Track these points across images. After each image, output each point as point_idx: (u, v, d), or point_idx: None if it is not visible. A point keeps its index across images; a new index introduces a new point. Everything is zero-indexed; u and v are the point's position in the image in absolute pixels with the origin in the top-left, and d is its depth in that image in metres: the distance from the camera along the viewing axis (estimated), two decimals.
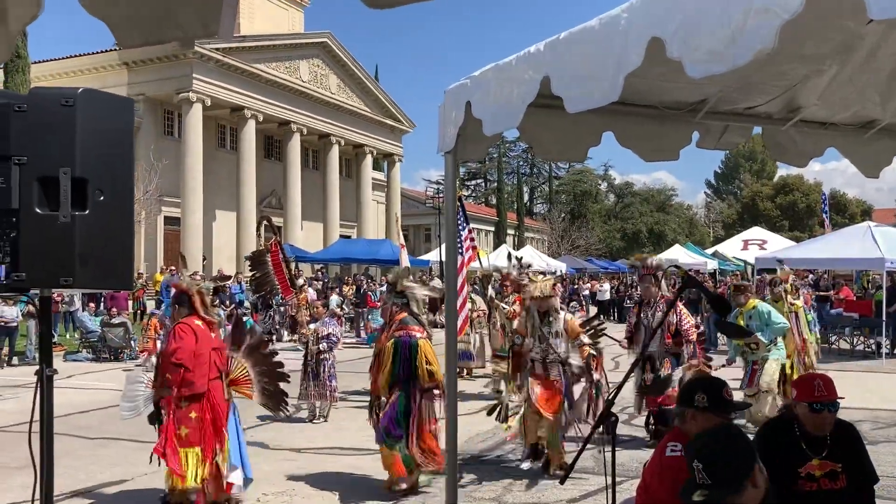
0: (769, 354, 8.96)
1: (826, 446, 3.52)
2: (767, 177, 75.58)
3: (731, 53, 2.08)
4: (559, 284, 8.48)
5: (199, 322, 6.10)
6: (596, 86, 2.63)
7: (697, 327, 8.49)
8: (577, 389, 7.02)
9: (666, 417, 8.15)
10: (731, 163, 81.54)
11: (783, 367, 9.15)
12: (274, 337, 19.78)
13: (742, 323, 9.04)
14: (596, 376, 7.03)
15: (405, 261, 12.37)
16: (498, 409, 7.73)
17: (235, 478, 6.13)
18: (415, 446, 6.51)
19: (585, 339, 7.12)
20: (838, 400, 3.56)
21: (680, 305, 8.18)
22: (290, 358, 13.66)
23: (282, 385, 6.59)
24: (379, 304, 12.07)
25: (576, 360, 7.04)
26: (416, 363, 6.52)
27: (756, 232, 29.99)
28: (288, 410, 6.58)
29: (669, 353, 8.16)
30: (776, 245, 24.97)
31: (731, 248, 28.61)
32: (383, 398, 6.70)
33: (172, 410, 5.88)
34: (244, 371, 6.38)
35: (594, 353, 7.08)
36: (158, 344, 16.44)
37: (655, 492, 3.23)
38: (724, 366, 9.80)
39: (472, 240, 12.50)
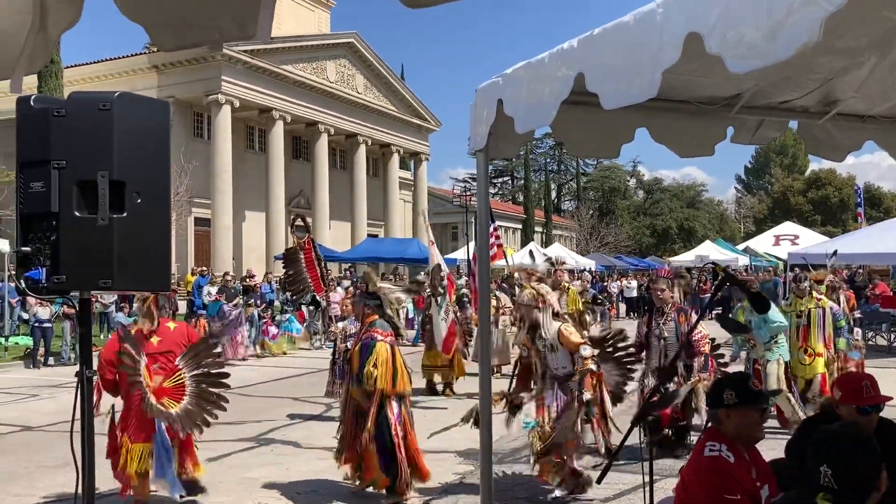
0: (769, 355, 8.60)
1: None
2: (799, 171, 74.70)
3: (773, 48, 2.04)
4: (559, 289, 7.91)
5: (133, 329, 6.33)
6: (633, 82, 2.60)
7: (712, 339, 7.78)
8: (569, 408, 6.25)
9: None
10: (761, 157, 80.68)
11: (786, 364, 8.81)
12: (316, 336, 19.91)
13: (742, 318, 8.68)
14: (587, 395, 6.06)
15: (436, 258, 12.32)
16: (472, 415, 6.62)
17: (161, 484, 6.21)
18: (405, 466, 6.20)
19: (586, 352, 6.15)
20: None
21: (693, 315, 7.76)
22: (324, 357, 13.77)
23: (215, 399, 6.31)
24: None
25: (586, 393, 6.10)
26: (367, 366, 6.17)
27: (788, 227, 29.60)
28: (199, 430, 6.25)
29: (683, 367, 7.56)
30: (808, 240, 24.64)
31: (763, 243, 28.28)
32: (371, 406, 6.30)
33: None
34: (180, 382, 6.20)
35: (593, 368, 6.11)
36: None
37: (695, 492, 3.20)
38: (727, 363, 9.61)
39: (498, 237, 12.47)
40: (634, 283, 32.51)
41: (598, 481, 3.67)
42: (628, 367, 6.96)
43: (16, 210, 2.88)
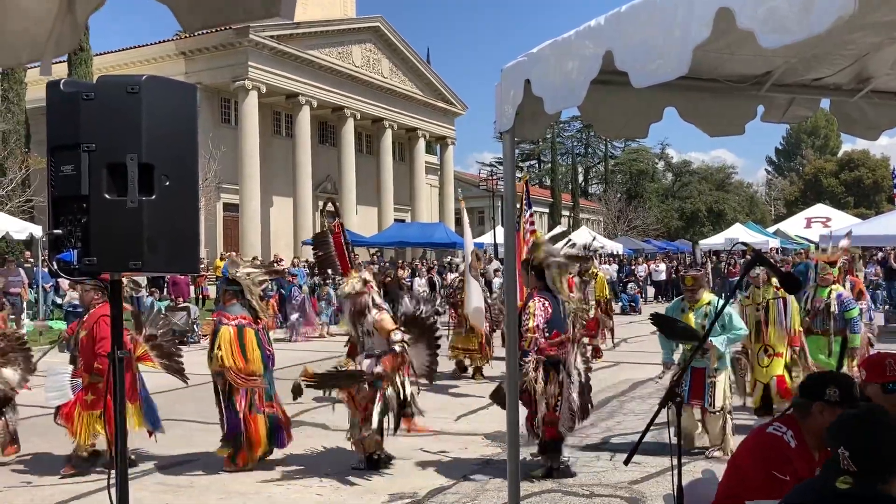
0: (720, 364, 7.20)
1: None
2: (831, 152, 73.61)
3: (807, 22, 1.99)
4: (374, 278, 7.81)
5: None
6: (663, 60, 2.55)
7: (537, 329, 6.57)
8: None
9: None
10: (792, 139, 79.50)
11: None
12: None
13: (694, 323, 7.17)
14: (378, 369, 6.61)
15: (469, 242, 12.15)
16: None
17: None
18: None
19: (397, 336, 6.67)
20: None
21: (533, 302, 6.63)
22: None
23: (177, 360, 7.44)
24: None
25: (378, 367, 6.66)
26: (214, 348, 6.88)
27: (819, 209, 29.11)
28: (186, 379, 7.40)
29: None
30: (841, 222, 24.23)
31: (794, 226, 27.89)
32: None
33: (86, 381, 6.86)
34: (144, 349, 7.26)
35: (396, 349, 6.63)
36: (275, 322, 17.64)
37: (746, 469, 3.17)
38: (659, 377, 8.52)
39: (532, 223, 12.34)
40: (662, 267, 32.25)
41: (626, 463, 3.66)
42: (438, 346, 7.07)
43: (47, 193, 2.91)
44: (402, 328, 6.88)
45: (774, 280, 8.20)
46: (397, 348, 6.67)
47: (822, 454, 3.20)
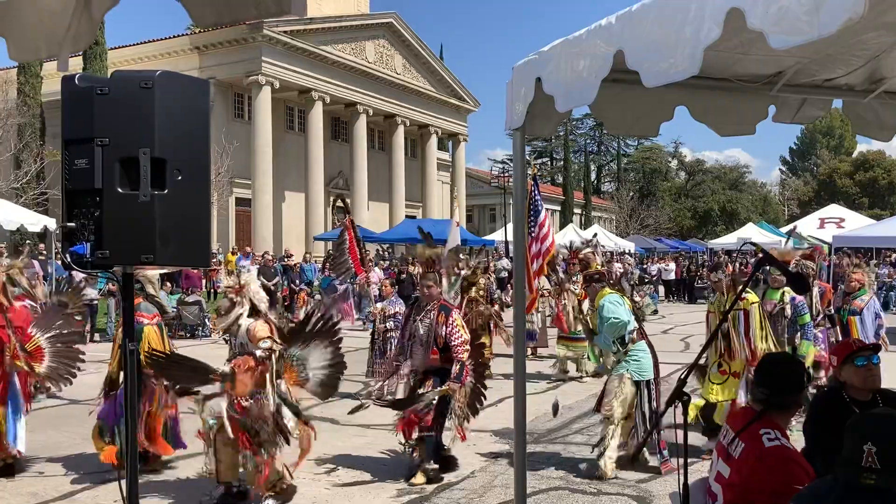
0: (617, 368, 6.67)
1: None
2: (846, 153, 73.14)
3: (816, 23, 1.99)
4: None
5: None
6: (674, 59, 2.55)
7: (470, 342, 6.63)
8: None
9: (438, 451, 6.63)
10: (807, 139, 79.02)
11: (646, 383, 6.65)
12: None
13: (594, 322, 6.98)
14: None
15: (456, 238, 11.99)
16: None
17: (18, 440, 6.76)
18: (141, 434, 6.46)
19: (266, 344, 5.69)
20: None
21: (454, 315, 6.60)
22: (358, 336, 13.89)
23: (73, 355, 7.16)
24: None
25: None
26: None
27: (833, 210, 28.91)
28: (67, 382, 7.09)
29: (433, 370, 6.62)
30: (855, 223, 24.10)
31: (808, 226, 27.72)
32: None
33: None
34: (37, 345, 6.92)
35: (258, 353, 5.66)
36: (302, 314, 17.73)
37: (757, 483, 2.98)
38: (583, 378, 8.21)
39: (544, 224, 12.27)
40: (672, 266, 32.16)
41: (632, 461, 3.67)
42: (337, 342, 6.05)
43: (61, 186, 2.95)
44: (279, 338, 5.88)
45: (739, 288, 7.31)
46: (259, 353, 5.66)
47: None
